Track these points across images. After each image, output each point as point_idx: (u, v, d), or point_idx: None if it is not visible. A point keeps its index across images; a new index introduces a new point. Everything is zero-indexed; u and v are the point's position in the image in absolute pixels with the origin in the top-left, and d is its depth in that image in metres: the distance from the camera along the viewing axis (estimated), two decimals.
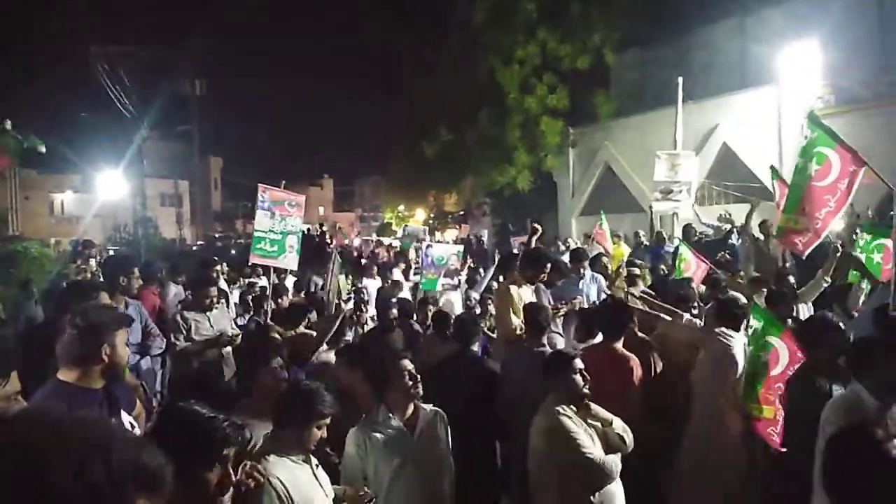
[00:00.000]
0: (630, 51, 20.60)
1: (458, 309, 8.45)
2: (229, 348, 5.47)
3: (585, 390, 3.72)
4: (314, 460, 3.03)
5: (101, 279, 5.32)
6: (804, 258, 5.73)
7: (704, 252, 8.44)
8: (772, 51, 14.92)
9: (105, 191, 26.67)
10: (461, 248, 10.34)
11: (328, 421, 3.03)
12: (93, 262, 13.02)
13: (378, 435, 3.42)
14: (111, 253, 16.54)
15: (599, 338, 5.02)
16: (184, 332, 5.59)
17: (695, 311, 5.77)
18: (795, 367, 4.10)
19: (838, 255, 6.14)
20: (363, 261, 15.18)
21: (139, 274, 5.74)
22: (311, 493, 2.88)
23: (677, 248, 8.77)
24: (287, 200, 6.66)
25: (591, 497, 3.56)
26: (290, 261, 6.84)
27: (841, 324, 3.94)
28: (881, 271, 5.93)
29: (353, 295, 9.12)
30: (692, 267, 7.75)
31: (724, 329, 4.58)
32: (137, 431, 2.94)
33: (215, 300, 5.93)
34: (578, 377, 3.70)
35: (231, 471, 2.16)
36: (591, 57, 19.79)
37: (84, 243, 15.19)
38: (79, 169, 36.04)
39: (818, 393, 3.63)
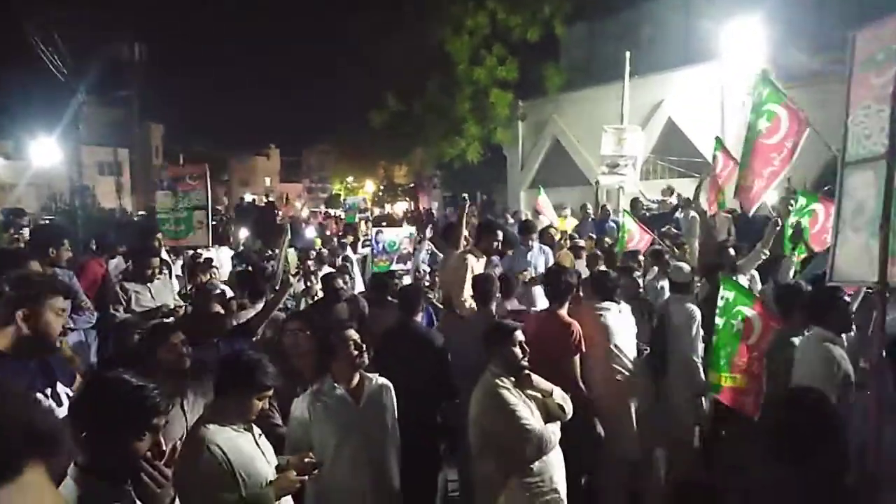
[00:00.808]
0: (579, 24, 20.67)
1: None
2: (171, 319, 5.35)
3: (524, 362, 3.75)
4: (257, 430, 3.01)
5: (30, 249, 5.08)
6: (745, 230, 5.92)
7: (649, 225, 8.62)
8: (715, 27, 15.15)
9: (39, 158, 25.59)
10: (413, 230, 10.19)
11: (270, 392, 3.01)
12: (26, 231, 12.51)
13: (323, 404, 3.41)
14: (47, 222, 15.94)
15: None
16: (123, 303, 5.45)
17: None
18: (769, 335, 4.27)
19: (778, 228, 6.32)
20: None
21: (69, 245, 5.56)
22: (253, 460, 2.87)
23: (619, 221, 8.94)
24: (188, 174, 6.33)
25: (531, 466, 3.63)
26: (201, 237, 6.55)
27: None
28: (809, 236, 6.21)
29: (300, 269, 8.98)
30: (636, 238, 7.89)
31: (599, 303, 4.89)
32: None
33: (157, 271, 5.79)
34: (517, 349, 3.73)
35: (161, 439, 2.12)
36: (540, 28, 19.78)
37: (15, 211, 14.56)
38: (10, 134, 34.53)
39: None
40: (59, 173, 27.12)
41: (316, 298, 7.32)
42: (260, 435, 3.02)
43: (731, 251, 6.73)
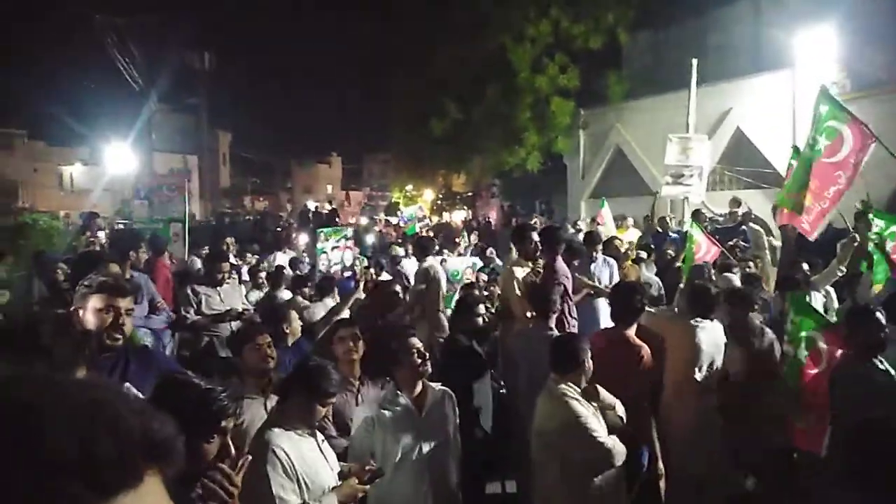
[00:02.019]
0: (643, 32, 20.35)
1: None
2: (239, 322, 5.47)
3: (590, 374, 3.71)
4: (320, 436, 3.03)
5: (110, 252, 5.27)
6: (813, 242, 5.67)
7: (717, 238, 8.35)
8: (787, 34, 14.69)
9: (114, 164, 26.67)
10: (476, 260, 10.18)
11: (333, 400, 3.04)
12: (101, 234, 13.04)
13: (387, 413, 3.42)
14: (120, 226, 16.57)
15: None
16: (194, 305, 5.60)
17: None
18: (834, 363, 4.04)
19: (855, 244, 6.04)
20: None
21: (146, 248, 5.75)
22: (316, 465, 2.89)
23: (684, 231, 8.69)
24: (165, 185, 6.31)
25: (594, 479, 3.56)
26: (177, 249, 6.59)
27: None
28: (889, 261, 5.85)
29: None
30: (702, 249, 7.63)
31: (697, 318, 4.64)
32: None
33: (227, 275, 5.94)
34: (587, 364, 3.69)
35: (229, 442, 2.15)
36: (603, 37, 19.55)
37: (92, 215, 15.21)
38: (87, 141, 36.06)
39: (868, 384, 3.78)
40: (131, 179, 28.23)
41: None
42: (323, 441, 3.04)
43: (806, 266, 6.49)
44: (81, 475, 0.71)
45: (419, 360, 3.54)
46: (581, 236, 9.61)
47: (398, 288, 6.68)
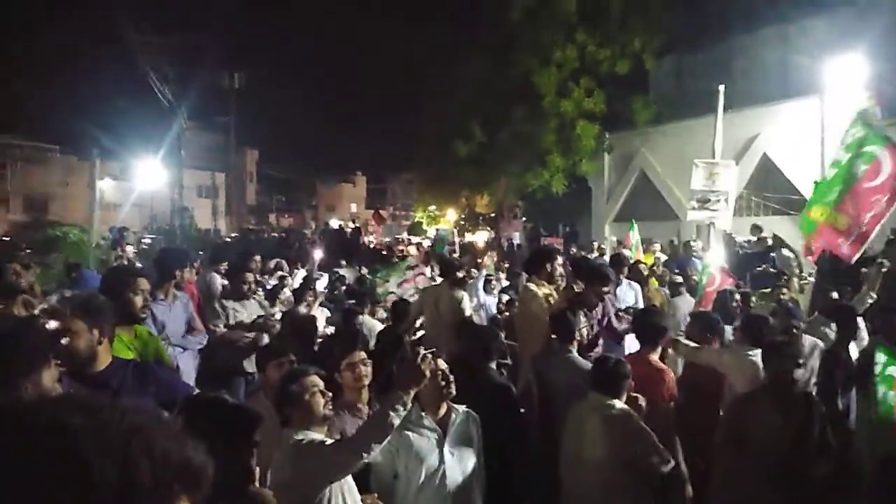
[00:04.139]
0: (669, 56, 20.38)
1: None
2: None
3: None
4: None
5: (156, 270, 5.29)
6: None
7: (746, 264, 8.26)
8: (814, 61, 14.60)
9: (143, 179, 27.07)
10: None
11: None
12: (129, 248, 13.25)
13: (410, 434, 3.42)
14: (148, 241, 16.81)
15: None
16: (224, 319, 5.66)
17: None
18: None
19: (883, 270, 5.97)
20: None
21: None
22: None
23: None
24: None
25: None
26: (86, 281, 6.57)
27: None
28: None
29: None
30: (716, 282, 7.52)
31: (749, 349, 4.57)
32: None
33: (252, 287, 6.00)
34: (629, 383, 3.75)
35: (252, 462, 2.17)
36: (629, 62, 19.60)
37: (120, 230, 15.46)
38: (118, 157, 36.72)
39: None
40: (160, 195, 28.66)
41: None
42: None
43: (835, 294, 6.41)
44: (120, 500, 0.72)
45: (444, 383, 3.54)
46: (607, 259, 9.58)
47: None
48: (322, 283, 10.92)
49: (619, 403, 3.67)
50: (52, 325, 3.02)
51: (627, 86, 20.08)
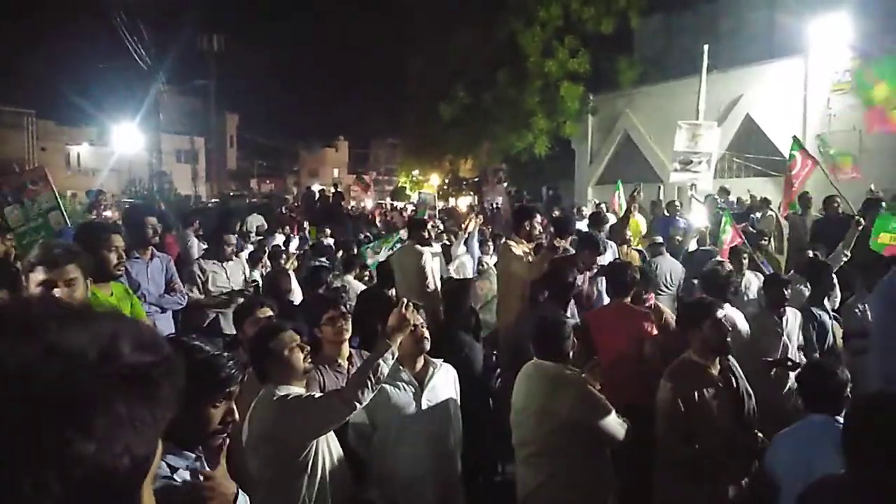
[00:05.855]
0: (655, 16, 20.16)
1: (470, 272, 8.43)
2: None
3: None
4: None
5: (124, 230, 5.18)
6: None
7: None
8: (800, 21, 14.53)
9: (121, 144, 26.67)
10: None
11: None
12: (108, 212, 13.06)
13: (388, 387, 3.41)
14: (126, 205, 16.57)
15: None
16: (200, 283, 5.60)
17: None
18: None
19: (860, 228, 6.02)
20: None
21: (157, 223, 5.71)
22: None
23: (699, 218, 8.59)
24: (28, 180, 6.13)
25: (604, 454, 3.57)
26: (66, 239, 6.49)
27: None
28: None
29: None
30: (729, 239, 7.61)
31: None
32: None
33: (233, 249, 5.94)
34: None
35: (234, 407, 2.13)
36: (615, 20, 19.33)
37: (97, 193, 15.20)
38: (95, 121, 36.07)
39: None
40: (139, 160, 28.24)
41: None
42: None
43: (810, 253, 6.45)
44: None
45: (420, 336, 3.53)
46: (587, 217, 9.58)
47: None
48: (294, 245, 11.04)
49: (559, 366, 3.52)
50: (41, 276, 2.94)
51: (612, 46, 19.85)
